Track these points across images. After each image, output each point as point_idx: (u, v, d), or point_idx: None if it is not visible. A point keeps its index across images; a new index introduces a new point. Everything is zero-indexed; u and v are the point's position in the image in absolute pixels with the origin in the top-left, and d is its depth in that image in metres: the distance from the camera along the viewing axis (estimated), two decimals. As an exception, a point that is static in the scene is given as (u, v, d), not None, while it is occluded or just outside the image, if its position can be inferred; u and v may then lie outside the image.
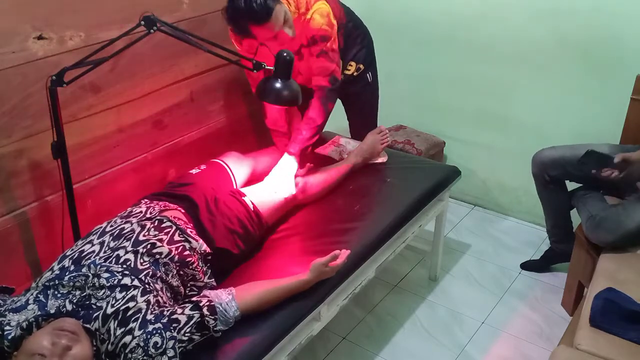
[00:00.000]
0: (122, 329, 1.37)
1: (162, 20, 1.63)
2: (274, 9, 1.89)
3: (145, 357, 1.35)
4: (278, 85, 1.80)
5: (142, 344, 1.36)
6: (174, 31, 1.67)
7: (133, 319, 1.39)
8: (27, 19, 1.67)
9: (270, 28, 1.91)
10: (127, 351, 1.35)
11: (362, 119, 2.61)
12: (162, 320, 1.41)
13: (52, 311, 1.38)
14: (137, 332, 1.37)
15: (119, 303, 1.40)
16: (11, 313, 1.37)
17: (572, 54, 2.60)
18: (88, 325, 1.37)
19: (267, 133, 2.45)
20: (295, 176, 2.14)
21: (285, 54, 1.77)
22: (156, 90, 2.14)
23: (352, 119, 2.67)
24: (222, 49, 1.79)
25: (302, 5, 2.08)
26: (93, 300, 1.41)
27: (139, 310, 1.40)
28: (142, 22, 1.61)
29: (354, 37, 2.42)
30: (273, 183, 2.09)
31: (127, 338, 1.36)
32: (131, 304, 1.41)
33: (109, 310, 1.39)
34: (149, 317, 1.40)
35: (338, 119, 2.72)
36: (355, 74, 2.46)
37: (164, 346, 1.37)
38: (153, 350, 1.36)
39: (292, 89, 1.83)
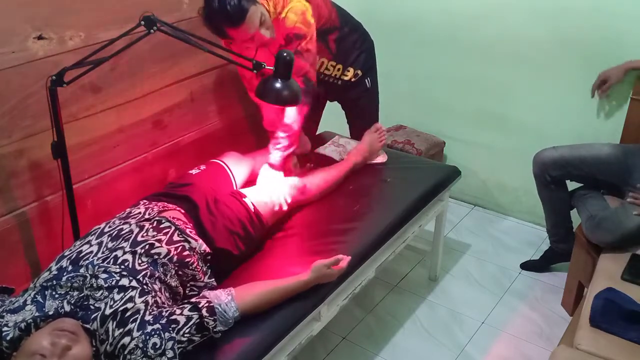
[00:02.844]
0: (121, 330, 1.37)
1: (162, 20, 1.62)
2: (249, 10, 1.87)
3: (144, 358, 1.35)
4: (278, 85, 1.80)
5: (140, 345, 1.35)
6: (174, 31, 1.67)
7: (131, 320, 1.38)
8: (27, 19, 1.67)
9: (246, 30, 1.90)
10: (126, 352, 1.35)
11: (362, 124, 2.60)
12: (160, 321, 1.40)
13: (51, 312, 1.38)
14: (135, 333, 1.37)
15: (117, 304, 1.40)
16: (9, 314, 1.37)
17: (572, 54, 2.60)
18: (87, 326, 1.37)
19: (266, 133, 2.45)
20: (288, 175, 2.14)
21: (285, 54, 1.76)
22: (156, 90, 2.14)
23: (352, 123, 2.66)
24: (222, 49, 1.79)
25: (279, 5, 2.05)
26: (91, 301, 1.41)
27: (137, 311, 1.40)
28: (142, 22, 1.61)
29: (352, 41, 2.40)
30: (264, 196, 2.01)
31: (126, 339, 1.36)
32: (129, 305, 1.40)
33: (108, 312, 1.39)
34: (148, 317, 1.40)
35: (338, 119, 2.72)
36: (353, 79, 2.45)
37: (162, 347, 1.37)
38: (152, 351, 1.36)
39: (292, 89, 1.82)
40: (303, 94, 2.08)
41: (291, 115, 2.11)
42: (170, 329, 1.41)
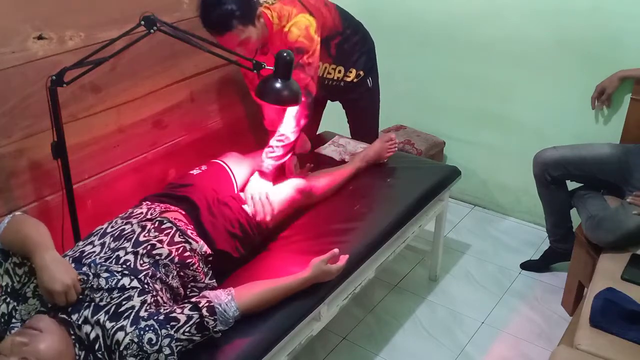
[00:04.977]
0: (113, 324, 1.37)
1: (162, 20, 1.63)
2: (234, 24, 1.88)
3: (140, 353, 1.35)
4: (278, 85, 1.80)
5: (135, 339, 1.36)
6: (174, 31, 1.67)
7: (125, 315, 1.39)
8: (27, 19, 1.67)
9: (233, 38, 1.91)
10: (121, 348, 1.36)
11: (363, 124, 2.60)
12: (155, 318, 1.41)
13: (49, 306, 1.41)
14: (129, 329, 1.37)
15: (114, 300, 1.42)
16: (13, 301, 1.41)
17: (572, 54, 2.60)
18: (65, 316, 1.38)
19: (267, 133, 2.44)
20: (289, 176, 2.13)
21: (285, 54, 1.77)
22: (156, 90, 2.14)
23: (352, 123, 2.66)
24: (222, 49, 1.79)
25: (284, 18, 2.07)
26: (87, 299, 1.42)
27: (132, 307, 1.41)
28: (142, 22, 1.61)
29: (354, 43, 2.40)
30: (250, 207, 1.97)
31: (120, 335, 1.36)
32: (125, 301, 1.42)
33: (102, 303, 1.41)
34: (142, 314, 1.40)
35: (338, 119, 2.72)
36: (355, 80, 2.45)
37: (159, 343, 1.37)
38: (148, 347, 1.36)
39: (292, 89, 1.82)
40: (304, 106, 2.08)
41: (289, 125, 2.09)
42: (169, 326, 1.41)
